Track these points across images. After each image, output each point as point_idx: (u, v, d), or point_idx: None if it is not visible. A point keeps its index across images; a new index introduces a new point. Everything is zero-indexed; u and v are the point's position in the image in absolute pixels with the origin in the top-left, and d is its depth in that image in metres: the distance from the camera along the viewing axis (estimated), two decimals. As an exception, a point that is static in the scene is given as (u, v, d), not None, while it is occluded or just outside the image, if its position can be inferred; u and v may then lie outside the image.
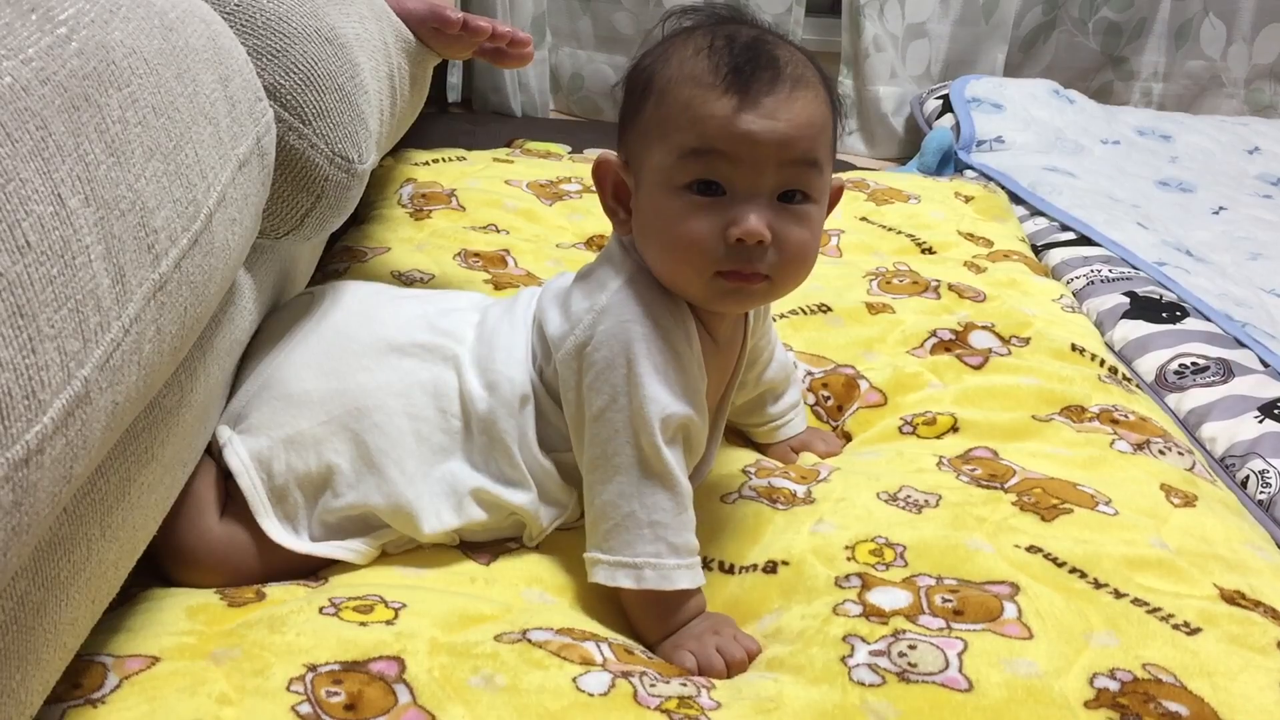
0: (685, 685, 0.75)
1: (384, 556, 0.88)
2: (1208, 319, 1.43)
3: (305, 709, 0.66)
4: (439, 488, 0.87)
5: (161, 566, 0.84)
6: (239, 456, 0.86)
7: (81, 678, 0.68)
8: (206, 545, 0.84)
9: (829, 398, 1.16)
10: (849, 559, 0.86)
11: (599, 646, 0.77)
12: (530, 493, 0.88)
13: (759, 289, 0.82)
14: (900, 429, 1.09)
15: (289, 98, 0.85)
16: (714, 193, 0.79)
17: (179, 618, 0.76)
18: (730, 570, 0.88)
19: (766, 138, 0.78)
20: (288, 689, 0.68)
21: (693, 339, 0.85)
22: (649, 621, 0.83)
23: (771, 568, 0.87)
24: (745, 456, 1.04)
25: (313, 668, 0.70)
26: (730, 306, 0.86)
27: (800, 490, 0.96)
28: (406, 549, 0.88)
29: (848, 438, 1.13)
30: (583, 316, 0.85)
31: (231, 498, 0.86)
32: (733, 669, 0.79)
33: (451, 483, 0.87)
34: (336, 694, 0.68)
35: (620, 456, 0.82)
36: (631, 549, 0.81)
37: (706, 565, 0.88)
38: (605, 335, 0.83)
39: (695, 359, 0.85)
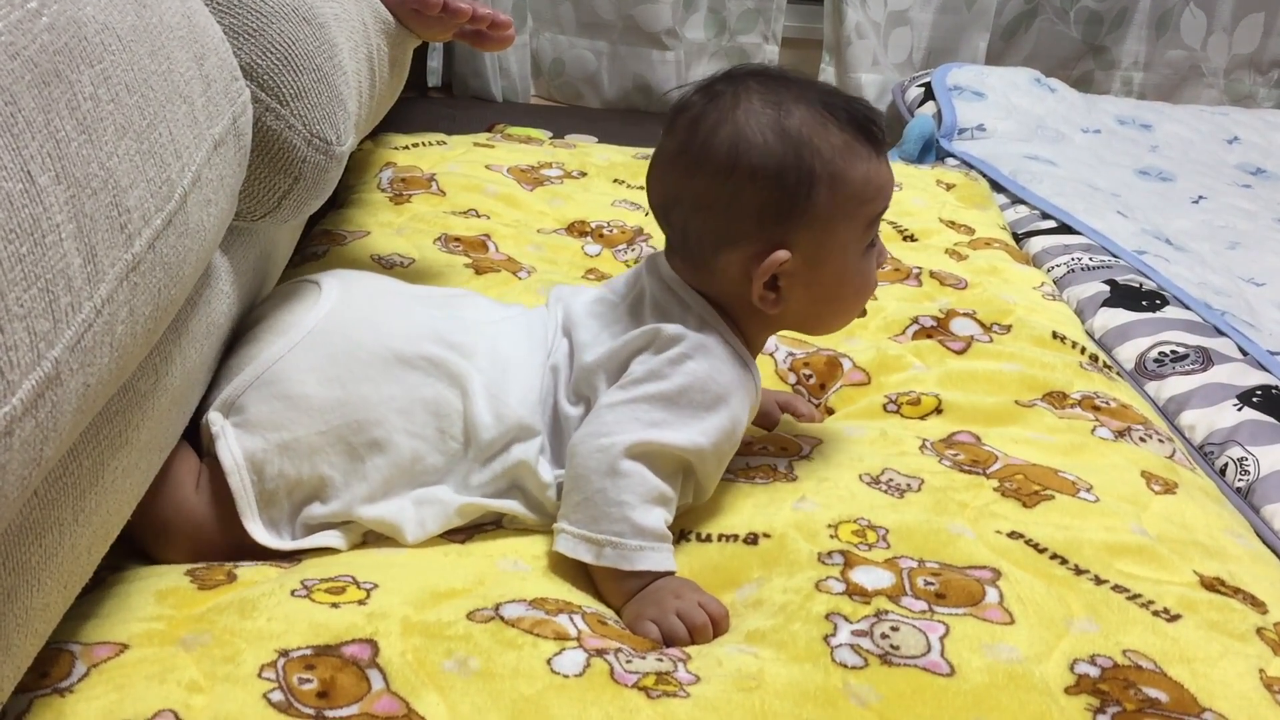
0: (661, 660, 0.74)
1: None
2: (1187, 307, 1.44)
3: (277, 696, 0.66)
4: (424, 498, 0.86)
5: (133, 539, 0.82)
6: (232, 454, 0.84)
7: (49, 666, 0.67)
8: (181, 519, 0.83)
9: (810, 375, 1.16)
10: (831, 536, 0.86)
11: (572, 619, 0.77)
12: (518, 502, 0.88)
13: None
14: (885, 406, 1.10)
15: (266, 77, 0.84)
16: (873, 245, 0.92)
17: (148, 602, 0.75)
18: (708, 539, 0.88)
19: None
20: (259, 675, 0.67)
21: (755, 400, 0.92)
22: (609, 587, 0.83)
23: (753, 539, 0.87)
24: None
25: (284, 653, 0.69)
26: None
27: (781, 464, 0.96)
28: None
29: (830, 413, 1.13)
30: (652, 336, 0.88)
31: (210, 472, 0.85)
32: (696, 635, 0.79)
33: (440, 500, 0.87)
34: (309, 681, 0.67)
35: (608, 439, 0.83)
36: (596, 525, 0.82)
37: (684, 537, 0.88)
38: (665, 360, 0.86)
39: (749, 415, 0.91)
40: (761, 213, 0.86)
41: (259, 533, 0.84)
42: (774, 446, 1.00)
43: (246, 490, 0.84)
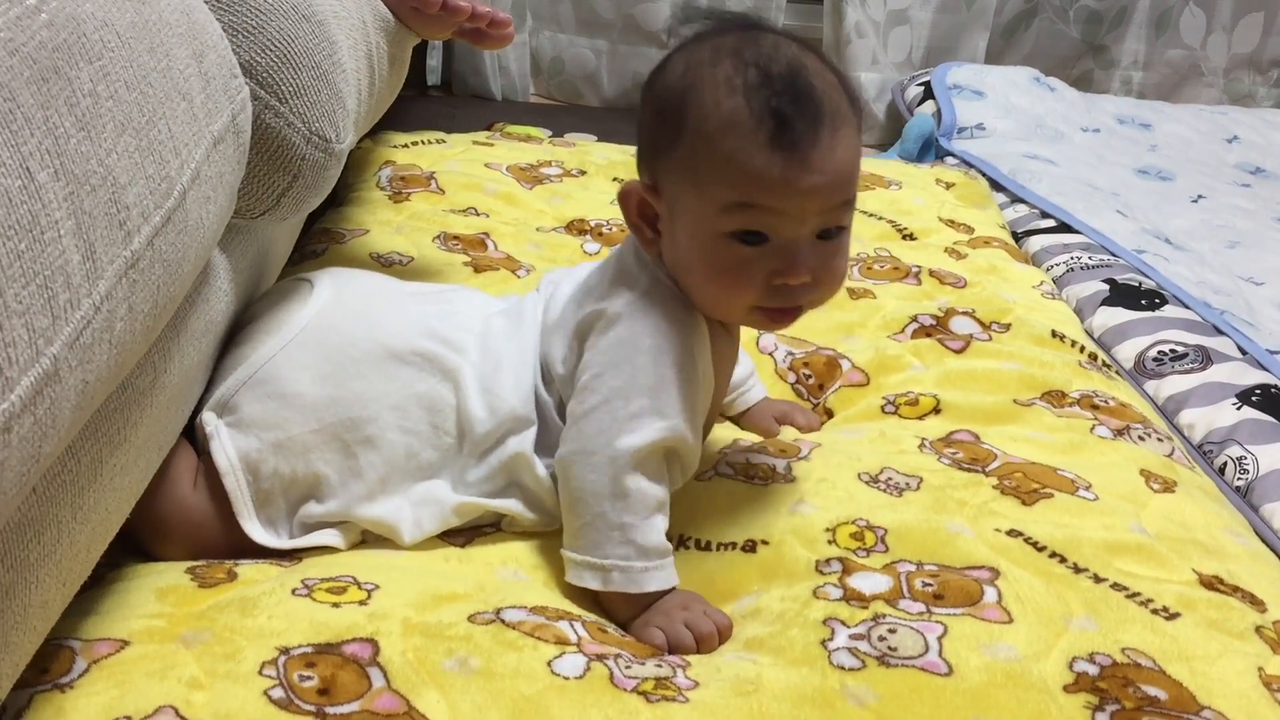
0: (661, 666, 0.74)
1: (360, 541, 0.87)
2: (1186, 306, 1.44)
3: (277, 693, 0.66)
4: (421, 498, 0.86)
5: (132, 536, 0.82)
6: (227, 455, 0.84)
7: (49, 662, 0.67)
8: (179, 516, 0.83)
9: (810, 376, 1.16)
10: (829, 542, 0.86)
11: (573, 625, 0.77)
12: (516, 500, 0.88)
13: (799, 317, 0.85)
14: (883, 408, 1.09)
15: (265, 75, 0.84)
16: (757, 241, 0.80)
17: (148, 599, 0.75)
18: (706, 547, 0.88)
19: (812, 193, 0.78)
20: (259, 673, 0.67)
21: (704, 355, 0.86)
22: (617, 606, 0.82)
23: (750, 547, 0.87)
24: (721, 433, 1.03)
25: (285, 650, 0.69)
26: (766, 330, 0.87)
27: (780, 465, 0.96)
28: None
29: (829, 414, 1.12)
30: (595, 319, 0.85)
31: (207, 470, 0.85)
32: (703, 644, 0.79)
33: (436, 495, 0.86)
34: (309, 678, 0.67)
35: (600, 454, 0.81)
36: (600, 550, 0.81)
37: (682, 543, 0.88)
38: (614, 340, 0.83)
39: (703, 375, 0.86)
40: (642, 139, 0.85)
41: (256, 532, 0.84)
42: (774, 449, 1.00)
43: (242, 490, 0.84)
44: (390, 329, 0.90)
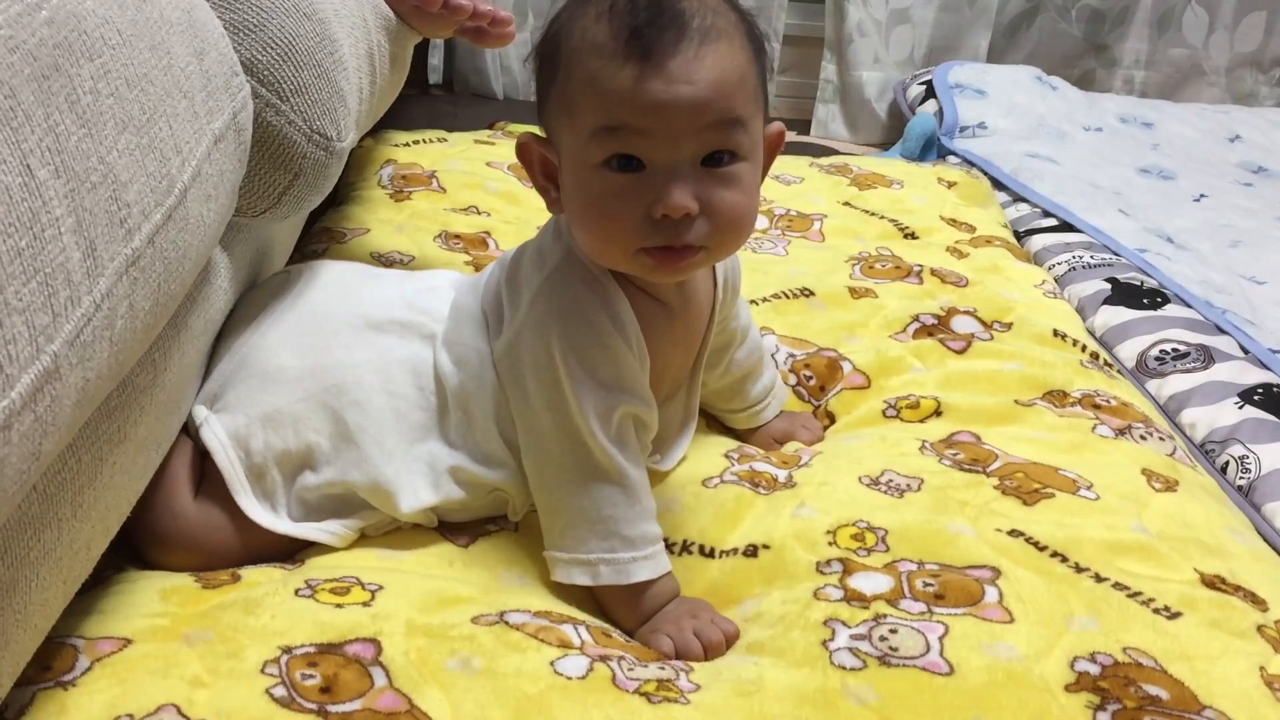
0: (664, 669, 0.74)
1: (362, 539, 0.87)
2: (1188, 305, 1.44)
3: (279, 691, 0.66)
4: (417, 465, 0.86)
5: (137, 548, 0.83)
6: (216, 435, 0.85)
7: (52, 660, 0.67)
8: (182, 526, 0.83)
9: (811, 378, 1.16)
10: (830, 544, 0.85)
11: (576, 629, 0.77)
12: (508, 468, 0.87)
13: (693, 261, 0.79)
14: (884, 412, 1.09)
15: (266, 73, 0.84)
16: (633, 168, 0.75)
17: (152, 599, 0.75)
18: (710, 554, 0.88)
19: (676, 105, 0.73)
20: (262, 671, 0.67)
21: (624, 325, 0.83)
22: (621, 611, 0.83)
23: (752, 551, 0.87)
24: (728, 443, 1.04)
25: (288, 650, 0.69)
26: (663, 278, 0.83)
27: (782, 475, 0.96)
28: (386, 531, 0.87)
29: (831, 418, 1.12)
30: (510, 319, 0.86)
31: (208, 477, 0.85)
32: (710, 652, 0.79)
33: (430, 461, 0.86)
34: (312, 676, 0.67)
35: (563, 456, 0.82)
36: (584, 546, 0.81)
37: (686, 549, 0.88)
38: (528, 339, 0.84)
39: (630, 344, 0.83)
40: (537, 95, 0.82)
41: (252, 508, 0.84)
42: (776, 459, 1.00)
43: (235, 466, 0.84)
44: (368, 300, 0.91)
